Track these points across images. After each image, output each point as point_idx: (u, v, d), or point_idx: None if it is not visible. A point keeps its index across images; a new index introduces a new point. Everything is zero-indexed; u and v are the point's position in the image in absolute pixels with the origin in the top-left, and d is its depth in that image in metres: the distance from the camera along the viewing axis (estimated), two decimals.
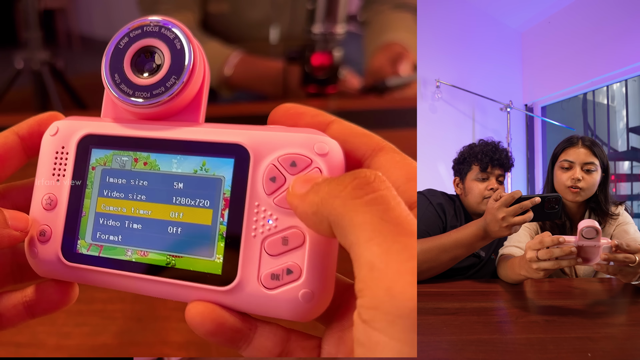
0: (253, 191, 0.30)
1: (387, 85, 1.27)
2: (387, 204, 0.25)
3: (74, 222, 0.33)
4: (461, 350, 0.64)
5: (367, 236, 0.24)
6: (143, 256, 0.31)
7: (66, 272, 0.33)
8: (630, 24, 2.58)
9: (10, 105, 1.88)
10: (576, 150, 1.09)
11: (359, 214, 0.24)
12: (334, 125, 0.31)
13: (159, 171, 0.32)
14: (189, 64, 0.31)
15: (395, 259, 0.23)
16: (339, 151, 0.30)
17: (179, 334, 0.58)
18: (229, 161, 0.30)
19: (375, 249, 0.23)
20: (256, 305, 0.29)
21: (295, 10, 1.51)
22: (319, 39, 1.15)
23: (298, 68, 1.22)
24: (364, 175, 0.26)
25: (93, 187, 0.33)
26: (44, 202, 0.33)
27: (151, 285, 0.31)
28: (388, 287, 0.23)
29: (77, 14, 4.53)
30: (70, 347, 0.57)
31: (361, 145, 0.30)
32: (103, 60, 0.33)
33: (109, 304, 0.62)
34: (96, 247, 0.32)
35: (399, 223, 0.24)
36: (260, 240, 0.29)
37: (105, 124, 0.33)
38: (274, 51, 1.46)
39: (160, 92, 0.32)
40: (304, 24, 1.16)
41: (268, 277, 0.29)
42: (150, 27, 0.33)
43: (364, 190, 0.25)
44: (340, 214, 0.25)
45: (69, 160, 0.33)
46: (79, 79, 2.22)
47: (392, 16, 1.52)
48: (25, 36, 1.90)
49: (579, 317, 0.76)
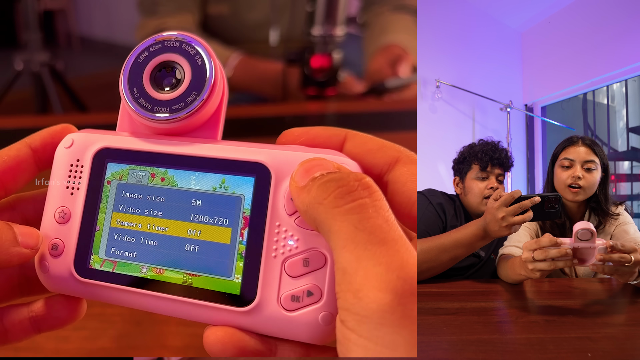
0: (274, 211, 0.29)
1: (387, 86, 1.27)
2: (364, 212, 0.26)
3: (88, 237, 0.32)
4: (461, 350, 0.64)
5: (341, 244, 0.25)
6: (159, 274, 0.31)
7: (78, 288, 0.32)
8: (630, 24, 2.58)
9: (10, 107, 1.88)
10: (576, 149, 1.09)
11: (337, 222, 0.26)
12: (348, 143, 0.31)
13: (176, 187, 0.31)
14: (210, 80, 0.31)
15: (364, 265, 0.25)
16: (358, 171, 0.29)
17: (177, 338, 0.58)
18: (249, 179, 0.30)
19: (347, 255, 0.25)
20: (275, 327, 0.29)
21: (294, 12, 1.51)
22: (318, 41, 1.15)
23: (297, 70, 1.22)
24: (347, 184, 0.26)
25: (108, 201, 0.32)
26: (57, 216, 0.32)
27: (167, 304, 0.30)
28: (356, 290, 0.24)
29: (77, 15, 4.53)
30: (68, 351, 0.57)
31: (376, 161, 0.31)
32: (121, 74, 0.32)
33: (108, 307, 0.61)
34: (110, 262, 0.31)
35: (372, 232, 0.25)
36: (281, 260, 0.29)
37: (122, 138, 0.33)
38: (274, 53, 1.46)
39: (180, 107, 0.31)
40: (304, 26, 1.16)
41: (288, 298, 0.28)
42: (171, 42, 0.32)
43: (344, 199, 0.26)
44: (322, 221, 0.26)
45: (84, 174, 0.33)
46: (79, 81, 2.22)
47: (391, 18, 1.52)
48: (25, 37, 1.91)
49: (579, 317, 0.76)
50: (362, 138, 0.31)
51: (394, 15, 1.53)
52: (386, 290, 0.24)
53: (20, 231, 0.31)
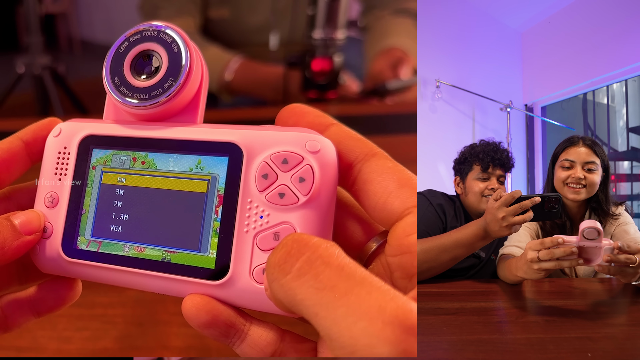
0: (246, 188, 0.30)
1: (388, 88, 1.27)
2: (314, 269, 0.24)
3: (75, 219, 0.34)
4: (461, 350, 0.65)
5: (313, 312, 0.24)
6: (140, 252, 0.32)
7: (67, 268, 0.34)
8: (630, 24, 2.58)
9: (11, 110, 1.89)
10: (577, 150, 1.09)
11: (295, 290, 0.25)
12: (333, 128, 0.32)
13: (156, 169, 0.33)
14: (186, 66, 0.32)
15: (345, 325, 0.23)
16: (332, 149, 0.30)
17: (179, 339, 0.58)
18: (223, 159, 0.31)
19: (323, 322, 0.24)
20: (248, 299, 0.30)
21: (295, 16, 1.51)
22: (319, 44, 1.15)
23: (298, 73, 1.22)
24: (284, 247, 0.26)
25: (93, 185, 0.34)
26: (46, 200, 0.34)
27: (147, 280, 0.32)
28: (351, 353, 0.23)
29: (78, 19, 4.55)
30: (70, 352, 0.57)
31: (355, 148, 0.31)
32: (104, 64, 0.34)
33: (110, 308, 0.62)
34: (95, 243, 0.33)
35: (333, 286, 0.24)
36: (252, 235, 0.30)
37: (105, 125, 0.34)
38: (275, 56, 1.46)
39: (157, 93, 0.33)
40: (305, 29, 1.17)
41: (260, 271, 0.29)
42: (149, 31, 0.34)
43: (288, 263, 0.25)
44: (285, 298, 0.25)
45: (70, 160, 0.34)
46: (80, 84, 2.23)
47: (392, 21, 1.52)
48: (27, 41, 1.91)
49: (579, 317, 0.76)
50: (347, 129, 0.32)
51: (395, 18, 1.53)
52: (380, 344, 0.23)
53: (20, 220, 0.32)
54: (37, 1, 1.93)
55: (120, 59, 0.34)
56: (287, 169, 0.30)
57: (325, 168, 0.30)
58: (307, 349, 0.31)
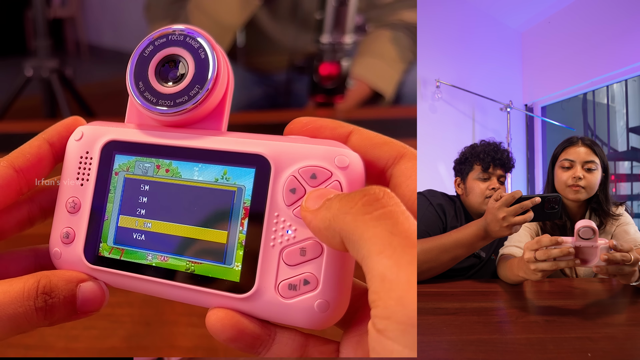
0: (273, 201, 0.30)
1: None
2: (395, 218, 0.25)
3: (97, 226, 0.33)
4: (461, 350, 0.65)
5: (377, 249, 0.25)
6: (163, 261, 0.32)
7: (89, 275, 0.33)
8: (630, 24, 2.58)
9: (19, 112, 1.90)
10: (576, 150, 1.10)
11: (369, 228, 0.25)
12: (354, 137, 0.32)
13: (180, 178, 0.32)
14: (213, 73, 0.32)
15: (405, 270, 0.24)
16: (360, 164, 0.30)
17: (186, 339, 0.59)
18: (250, 171, 0.31)
19: (386, 261, 0.24)
20: (273, 313, 0.30)
21: (303, 21, 1.51)
22: (327, 49, 1.16)
23: (306, 77, 1.22)
24: (373, 192, 0.26)
25: (116, 192, 0.33)
26: (68, 206, 0.34)
27: (170, 290, 0.32)
28: (399, 297, 0.24)
29: (86, 23, 4.56)
30: (78, 350, 0.57)
31: (382, 154, 0.31)
32: (128, 68, 0.33)
33: (118, 308, 0.62)
34: (118, 250, 0.33)
35: (407, 236, 0.25)
36: (279, 250, 0.30)
37: (129, 131, 0.34)
38: (282, 60, 1.46)
39: (183, 100, 0.32)
40: (312, 33, 1.17)
41: (285, 286, 0.29)
42: (175, 35, 0.33)
43: (373, 206, 0.26)
44: (352, 229, 0.26)
45: (92, 165, 0.34)
46: (87, 87, 2.23)
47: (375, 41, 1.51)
48: (35, 44, 1.93)
49: (579, 317, 0.77)
50: (368, 133, 0.32)
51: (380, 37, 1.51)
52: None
53: (82, 296, 0.32)
54: (45, 5, 1.93)
55: (145, 63, 0.33)
56: (316, 184, 0.30)
57: (353, 184, 0.30)
58: (331, 350, 0.31)
